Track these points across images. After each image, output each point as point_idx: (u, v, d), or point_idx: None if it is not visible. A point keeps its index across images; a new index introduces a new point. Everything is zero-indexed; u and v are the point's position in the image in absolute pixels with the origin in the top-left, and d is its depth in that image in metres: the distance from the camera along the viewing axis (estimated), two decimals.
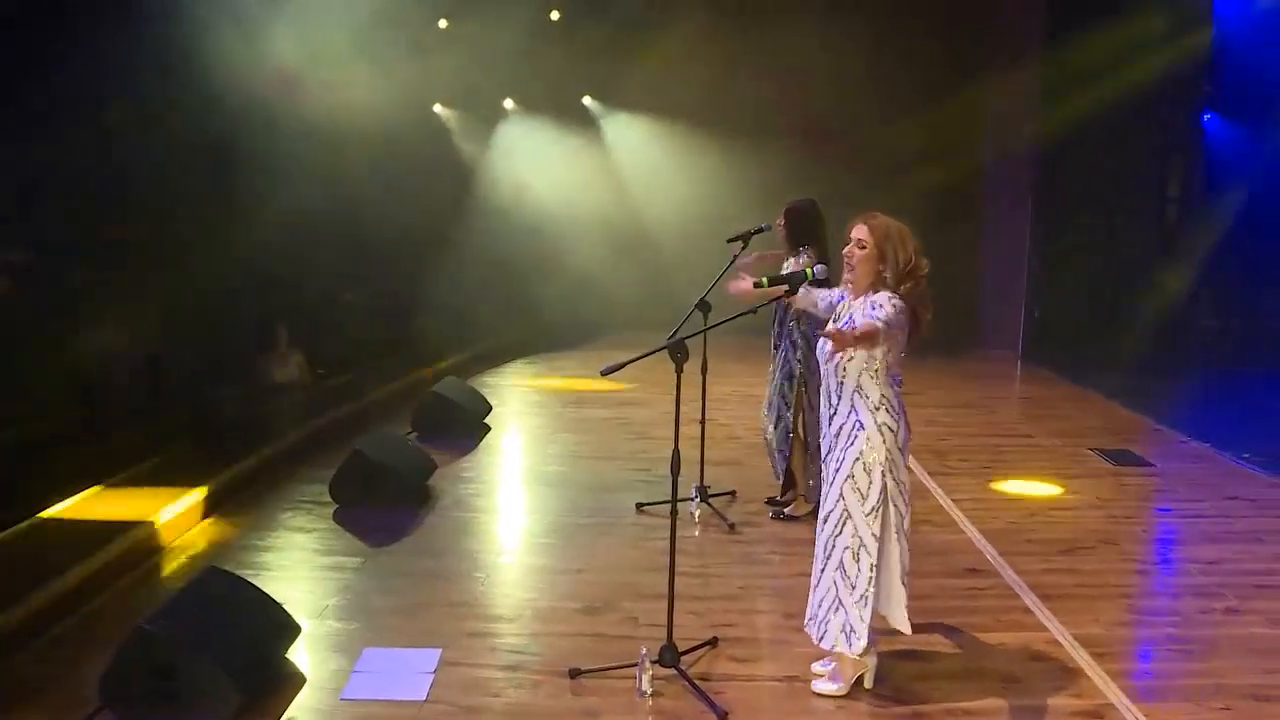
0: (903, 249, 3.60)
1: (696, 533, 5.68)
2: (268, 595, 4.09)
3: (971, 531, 5.62)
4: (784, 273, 3.85)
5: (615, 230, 13.52)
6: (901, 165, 12.87)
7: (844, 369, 3.64)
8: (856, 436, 3.63)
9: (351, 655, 4.04)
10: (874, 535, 3.64)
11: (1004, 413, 9.27)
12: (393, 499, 5.93)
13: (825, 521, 3.72)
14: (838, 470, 3.69)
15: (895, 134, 13.28)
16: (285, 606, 4.08)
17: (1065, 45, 11.14)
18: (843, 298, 3.84)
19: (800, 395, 5.65)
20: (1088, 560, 5.20)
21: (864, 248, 3.65)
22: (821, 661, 3.96)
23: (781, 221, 5.70)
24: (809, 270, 3.75)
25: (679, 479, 3.90)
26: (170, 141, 7.58)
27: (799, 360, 5.64)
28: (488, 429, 7.97)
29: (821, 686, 3.84)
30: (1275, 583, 4.89)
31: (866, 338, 3.52)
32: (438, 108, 12.85)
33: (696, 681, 3.79)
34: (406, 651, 4.12)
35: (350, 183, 9.48)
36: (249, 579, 4.25)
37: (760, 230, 5.80)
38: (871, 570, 3.64)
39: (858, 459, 3.63)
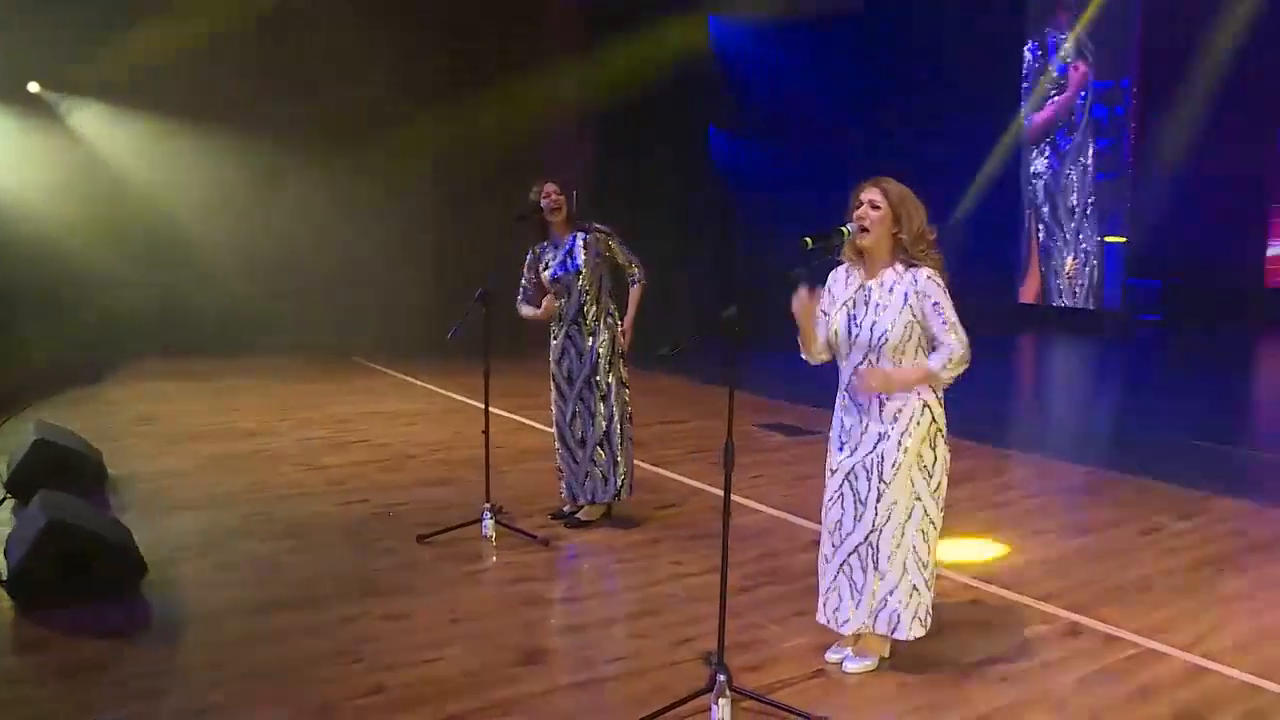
0: (916, 211, 3.53)
1: (496, 558, 4.96)
2: None
3: (768, 510, 5.72)
4: (824, 233, 3.49)
5: (118, 240, 11.33)
6: (440, 161, 12.75)
7: (902, 351, 3.45)
8: (921, 418, 3.47)
9: None
10: (940, 509, 3.55)
11: (642, 404, 9.36)
12: (105, 587, 4.26)
13: (890, 514, 3.48)
14: (901, 457, 3.46)
15: (432, 131, 13.07)
16: None
17: (604, 50, 11.97)
18: (834, 281, 3.63)
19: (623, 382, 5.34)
20: None
21: (878, 208, 3.50)
22: (833, 648, 3.76)
23: (565, 196, 5.26)
24: (845, 229, 3.51)
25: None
26: None
27: (620, 339, 5.32)
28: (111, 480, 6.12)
29: (853, 665, 3.64)
30: (1030, 507, 5.79)
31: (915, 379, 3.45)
32: None
33: (761, 698, 3.36)
34: None
35: None
36: None
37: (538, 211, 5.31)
38: (936, 542, 3.57)
39: (925, 439, 3.48)
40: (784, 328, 3.62)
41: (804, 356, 3.66)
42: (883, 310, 3.47)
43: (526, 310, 5.38)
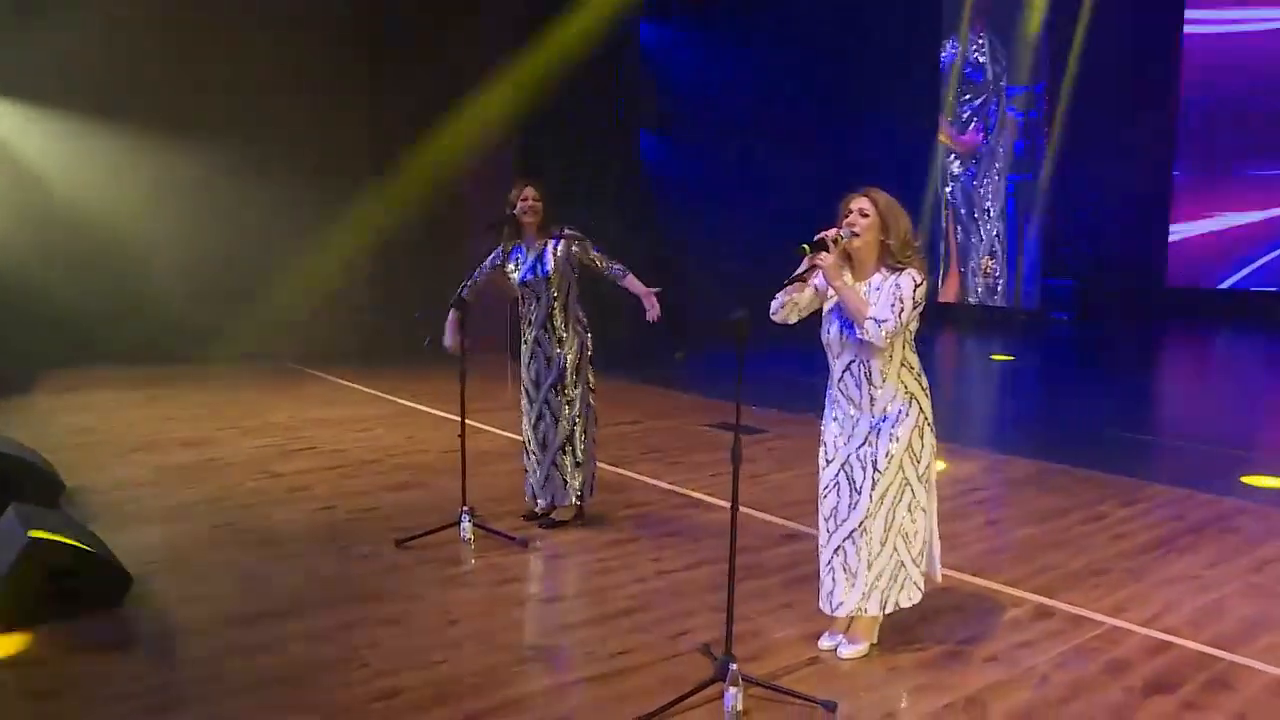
0: (903, 219, 3.74)
1: (476, 560, 5.01)
2: None
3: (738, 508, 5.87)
4: (815, 241, 3.67)
5: (44, 245, 10.97)
6: (376, 166, 12.63)
7: (890, 351, 3.66)
8: (910, 410, 3.69)
9: None
10: (928, 491, 3.77)
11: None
12: (91, 601, 4.19)
13: (882, 500, 3.69)
14: (894, 447, 3.67)
15: (367, 134, 12.95)
16: None
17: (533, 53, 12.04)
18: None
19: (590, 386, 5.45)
20: None
21: (867, 215, 3.70)
22: (825, 636, 3.93)
23: (542, 200, 5.34)
24: (840, 236, 3.67)
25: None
26: None
27: (589, 346, 5.42)
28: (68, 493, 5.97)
29: (847, 651, 3.83)
30: (982, 498, 6.10)
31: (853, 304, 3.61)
32: None
33: (769, 685, 3.51)
34: None
35: None
36: None
37: (512, 215, 5.37)
38: (925, 518, 3.78)
39: (915, 428, 3.69)
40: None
41: (774, 305, 3.74)
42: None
43: (466, 295, 5.34)
